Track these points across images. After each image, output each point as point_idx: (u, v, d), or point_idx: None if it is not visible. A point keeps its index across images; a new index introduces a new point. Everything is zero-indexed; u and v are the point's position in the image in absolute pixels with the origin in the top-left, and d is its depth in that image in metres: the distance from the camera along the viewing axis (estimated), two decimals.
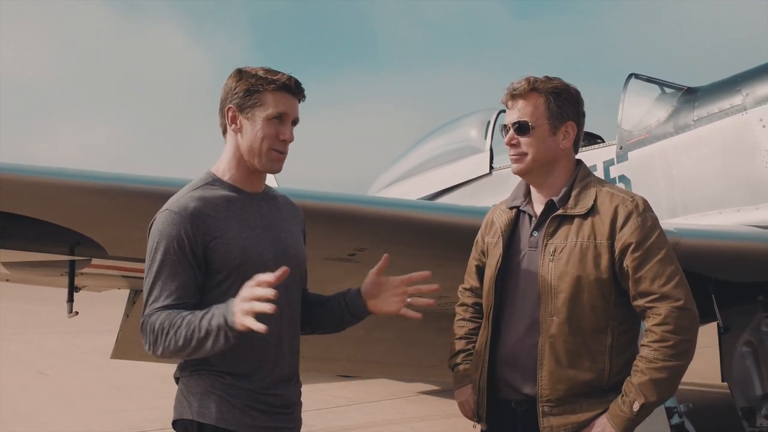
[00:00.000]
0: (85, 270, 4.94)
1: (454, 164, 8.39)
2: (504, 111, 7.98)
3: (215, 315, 2.34)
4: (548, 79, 2.93)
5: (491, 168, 8.00)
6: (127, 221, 3.80)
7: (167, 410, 8.40)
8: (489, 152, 8.06)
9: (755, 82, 5.57)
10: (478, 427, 3.08)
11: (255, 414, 2.52)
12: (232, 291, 2.44)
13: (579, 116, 2.96)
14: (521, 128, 2.88)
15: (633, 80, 6.68)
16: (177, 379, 2.65)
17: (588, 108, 3.03)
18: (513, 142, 2.90)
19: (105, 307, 11.00)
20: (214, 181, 2.63)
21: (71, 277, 4.81)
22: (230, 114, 2.61)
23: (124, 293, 7.11)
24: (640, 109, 6.52)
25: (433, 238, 4.19)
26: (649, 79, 6.67)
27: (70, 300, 5.13)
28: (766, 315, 5.51)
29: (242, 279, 2.44)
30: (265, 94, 2.57)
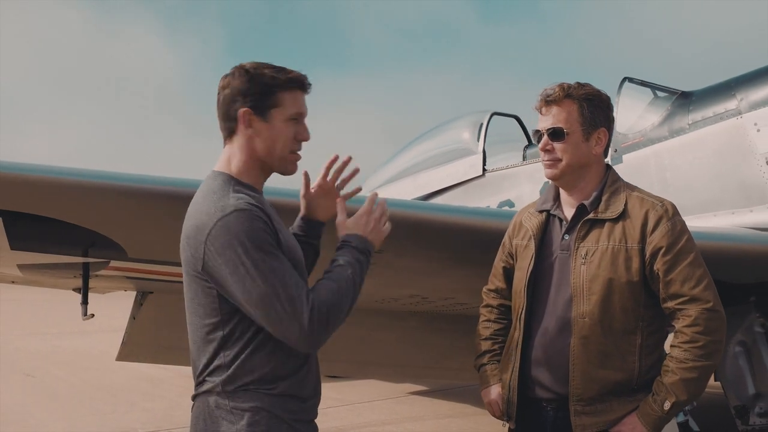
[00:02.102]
0: (102, 272, 4.96)
1: (447, 166, 8.41)
2: (496, 114, 7.98)
3: (353, 257, 2.49)
4: (580, 85, 3.00)
5: (484, 170, 8.04)
6: (150, 222, 3.81)
7: (157, 412, 8.41)
8: (482, 154, 8.09)
9: (750, 87, 5.66)
10: (507, 426, 3.15)
11: (298, 426, 2.47)
12: None
13: (610, 122, 3.04)
14: (556, 134, 2.95)
15: (627, 84, 6.75)
16: (196, 397, 2.55)
17: None
18: (548, 147, 2.97)
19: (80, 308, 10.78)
20: (237, 183, 2.48)
21: (85, 279, 4.81)
22: (246, 118, 2.47)
23: (101, 295, 7.09)
24: (635, 112, 6.59)
25: (448, 240, 4.23)
26: (643, 83, 6.75)
27: (85, 302, 5.12)
28: (759, 315, 5.57)
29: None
30: (282, 95, 2.49)
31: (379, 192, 2.81)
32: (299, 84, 2.53)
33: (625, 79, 6.76)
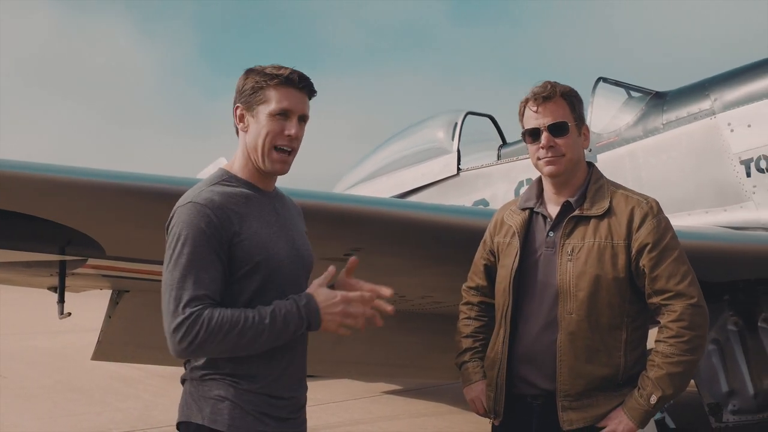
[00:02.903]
0: (78, 270, 4.90)
1: (422, 165, 8.43)
2: (471, 113, 7.99)
3: (291, 315, 2.42)
4: (562, 84, 3.03)
5: (459, 169, 8.06)
6: (129, 220, 3.78)
7: (131, 412, 8.36)
8: (456, 154, 8.12)
9: (724, 87, 5.73)
10: (492, 423, 3.16)
11: (268, 420, 2.49)
12: (249, 287, 2.47)
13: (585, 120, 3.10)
14: (559, 129, 2.96)
15: (601, 84, 6.81)
16: (184, 381, 2.60)
17: None
18: (551, 143, 2.97)
19: (55, 307, 10.62)
20: (230, 178, 2.59)
21: (62, 277, 4.76)
22: (238, 113, 2.60)
23: (74, 294, 6.99)
24: (609, 112, 6.65)
25: (428, 238, 4.24)
26: (617, 83, 6.82)
27: (61, 300, 5.06)
28: (732, 314, 5.63)
29: (259, 277, 2.48)
30: (269, 90, 2.54)
31: (354, 191, 2.80)
32: (288, 81, 2.55)
33: (599, 79, 6.82)
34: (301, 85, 2.58)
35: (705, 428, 5.28)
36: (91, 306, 9.45)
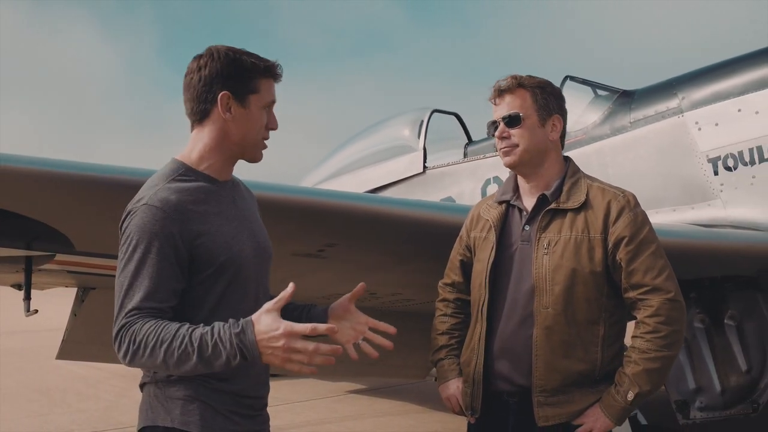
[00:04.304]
0: (46, 266, 4.80)
1: (387, 163, 8.39)
2: (436, 111, 8.01)
3: (222, 344, 2.17)
4: (531, 76, 3.05)
5: (425, 167, 8.04)
6: (100, 213, 3.68)
7: (93, 413, 8.23)
8: (422, 151, 8.10)
9: (691, 86, 5.75)
10: (468, 420, 3.13)
11: (237, 419, 2.43)
12: (215, 289, 2.39)
13: (563, 112, 3.09)
14: (512, 120, 2.96)
15: (568, 82, 6.81)
16: (143, 386, 2.48)
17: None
18: (504, 134, 2.98)
19: (14, 306, 10.48)
20: (187, 171, 2.45)
21: (28, 273, 4.66)
22: (224, 101, 2.42)
23: (39, 292, 6.87)
24: (576, 110, 6.65)
25: (405, 233, 4.20)
26: (584, 82, 6.82)
27: (28, 297, 4.95)
28: (699, 311, 5.65)
29: (225, 276, 2.40)
30: (260, 81, 2.46)
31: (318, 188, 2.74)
32: (274, 73, 2.50)
33: (566, 77, 6.82)
34: (280, 76, 2.54)
35: (674, 425, 5.30)
36: (51, 304, 9.31)
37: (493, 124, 3.05)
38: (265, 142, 2.55)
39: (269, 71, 2.48)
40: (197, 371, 2.23)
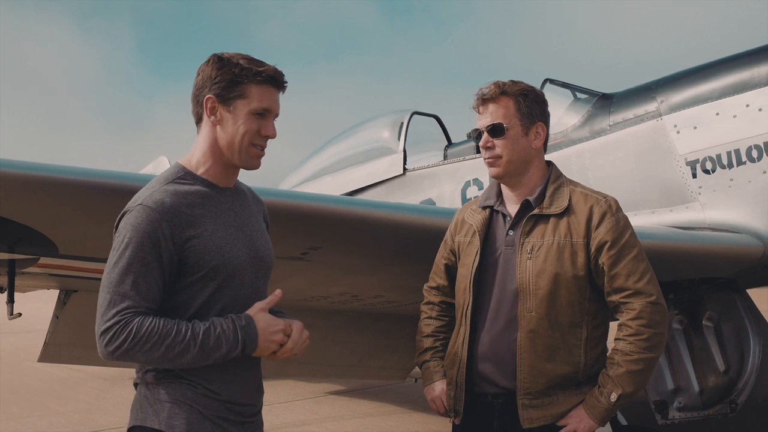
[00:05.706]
0: (30, 269, 4.77)
1: (368, 164, 8.40)
2: (416, 113, 8.02)
3: (226, 336, 2.35)
4: (514, 82, 3.07)
5: (405, 169, 8.06)
6: (86, 217, 3.67)
7: (72, 415, 8.18)
8: (402, 153, 8.11)
9: (670, 90, 5.80)
10: (452, 422, 3.15)
11: (225, 425, 2.44)
12: (203, 293, 2.41)
13: (546, 117, 3.12)
14: (495, 131, 2.99)
15: (548, 85, 6.84)
16: (136, 385, 2.52)
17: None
18: (488, 145, 3.00)
19: None
20: (186, 175, 2.49)
21: (11, 276, 4.63)
22: (209, 104, 2.46)
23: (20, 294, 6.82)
24: (555, 113, 6.67)
25: (389, 237, 4.22)
26: (564, 85, 6.86)
27: (11, 301, 4.92)
28: (677, 312, 5.70)
29: (214, 282, 2.42)
30: (250, 87, 2.45)
31: (298, 190, 2.74)
32: (269, 79, 2.49)
33: (546, 80, 6.85)
34: (280, 84, 2.52)
35: (653, 425, 5.35)
36: (29, 306, 9.24)
37: (476, 132, 3.08)
38: (261, 149, 2.54)
39: (260, 76, 2.46)
40: (190, 364, 2.35)
